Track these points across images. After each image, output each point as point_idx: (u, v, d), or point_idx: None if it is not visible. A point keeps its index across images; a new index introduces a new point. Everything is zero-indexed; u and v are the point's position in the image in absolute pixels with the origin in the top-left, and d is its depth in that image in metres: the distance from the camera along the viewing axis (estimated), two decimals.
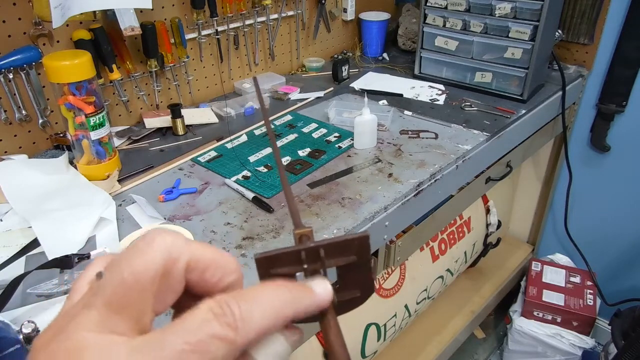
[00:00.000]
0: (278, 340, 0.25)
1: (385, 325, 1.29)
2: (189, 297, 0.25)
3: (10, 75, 0.95)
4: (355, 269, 0.28)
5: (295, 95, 1.34)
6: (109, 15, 1.05)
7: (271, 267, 0.26)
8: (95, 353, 0.20)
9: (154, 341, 0.21)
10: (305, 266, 0.27)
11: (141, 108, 1.21)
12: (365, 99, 1.08)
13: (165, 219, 0.85)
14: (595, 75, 1.50)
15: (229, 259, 0.25)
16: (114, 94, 1.13)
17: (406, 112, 1.24)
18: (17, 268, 0.74)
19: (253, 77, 1.18)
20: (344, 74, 1.44)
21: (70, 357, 0.20)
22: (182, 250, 0.23)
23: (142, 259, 0.22)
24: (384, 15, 1.62)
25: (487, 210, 1.61)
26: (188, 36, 1.21)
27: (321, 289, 0.25)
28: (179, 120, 1.13)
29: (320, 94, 1.35)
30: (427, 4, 1.35)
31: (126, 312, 0.21)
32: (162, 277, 0.22)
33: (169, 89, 1.24)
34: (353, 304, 0.30)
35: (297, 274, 0.27)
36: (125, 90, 1.14)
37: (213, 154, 1.06)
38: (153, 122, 1.16)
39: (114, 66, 1.07)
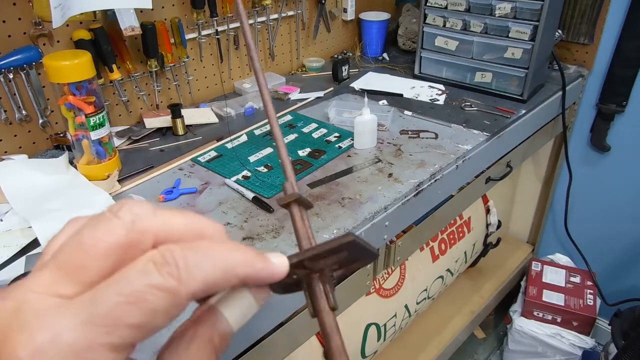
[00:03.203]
0: (245, 297, 0.24)
1: (385, 325, 1.29)
2: None
3: (10, 75, 0.95)
4: (348, 259, 0.27)
5: (295, 95, 1.34)
6: (109, 15, 1.05)
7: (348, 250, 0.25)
8: (29, 313, 0.19)
9: (88, 297, 0.20)
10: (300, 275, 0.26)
11: (141, 108, 1.21)
12: (365, 99, 1.08)
13: None
14: (595, 75, 1.50)
15: (205, 223, 0.24)
16: (114, 94, 1.13)
17: (406, 112, 1.24)
18: (17, 268, 0.74)
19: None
20: (344, 74, 1.44)
21: (4, 315, 0.19)
22: (149, 221, 0.22)
23: (104, 227, 0.21)
24: (384, 15, 1.62)
25: (487, 210, 1.61)
26: (188, 36, 1.21)
27: (277, 260, 0.24)
28: (179, 120, 1.13)
29: (320, 94, 1.35)
30: (427, 4, 1.35)
31: (76, 277, 0.20)
32: (125, 249, 0.21)
33: (169, 89, 1.24)
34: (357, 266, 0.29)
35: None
36: (125, 90, 1.14)
37: (213, 154, 1.06)
38: (153, 122, 1.16)
39: (114, 66, 1.07)
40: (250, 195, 0.90)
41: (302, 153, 1.06)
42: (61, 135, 1.05)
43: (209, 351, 0.23)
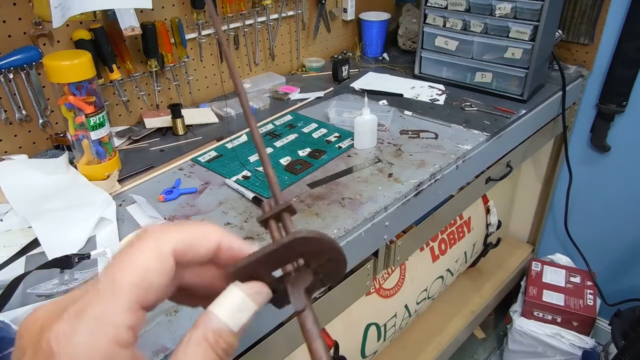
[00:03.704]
0: (235, 294, 0.25)
1: (385, 325, 1.29)
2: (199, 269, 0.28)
3: (11, 75, 0.95)
4: (331, 263, 0.28)
5: (295, 95, 1.34)
6: (109, 15, 1.05)
7: (305, 246, 0.26)
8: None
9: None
10: (285, 268, 0.27)
11: (141, 108, 1.21)
12: (365, 99, 1.08)
13: (165, 219, 0.85)
14: (595, 75, 1.50)
15: (205, 229, 0.27)
16: (114, 94, 1.13)
17: (406, 112, 1.24)
18: (17, 268, 0.74)
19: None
20: (344, 74, 1.44)
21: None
22: (167, 257, 0.25)
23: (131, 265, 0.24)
24: (384, 15, 1.62)
25: (487, 210, 1.61)
26: (188, 36, 1.21)
27: (252, 247, 0.27)
28: (179, 120, 1.13)
29: (320, 94, 1.35)
30: (427, 4, 1.35)
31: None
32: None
33: (169, 89, 1.24)
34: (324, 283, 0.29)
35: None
36: (125, 90, 1.14)
37: (213, 154, 1.06)
38: (153, 122, 1.16)
39: (114, 66, 1.07)
40: (250, 195, 0.90)
41: (302, 153, 1.06)
42: (61, 135, 1.05)
43: (205, 348, 0.24)
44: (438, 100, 1.31)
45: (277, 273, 0.28)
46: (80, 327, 0.21)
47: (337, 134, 1.13)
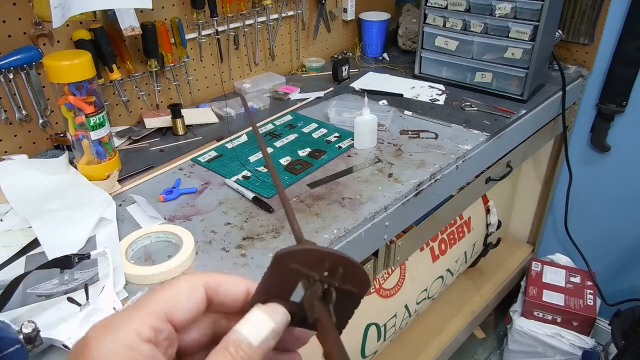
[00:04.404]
0: (255, 313, 0.27)
1: (385, 325, 1.29)
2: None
3: (11, 75, 0.95)
4: (349, 300, 0.29)
5: (295, 95, 1.34)
6: (109, 15, 1.05)
7: (291, 261, 0.27)
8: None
9: None
10: (321, 274, 0.28)
11: (141, 108, 1.21)
12: (365, 99, 1.08)
13: (165, 219, 0.85)
14: (595, 75, 1.50)
15: (235, 277, 0.29)
16: (114, 94, 1.13)
17: (406, 112, 1.24)
18: (17, 268, 0.74)
19: (241, 97, 1.19)
20: (344, 74, 1.44)
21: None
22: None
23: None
24: (384, 15, 1.62)
25: (487, 210, 1.61)
26: (188, 36, 1.21)
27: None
28: (179, 120, 1.13)
29: (320, 94, 1.35)
30: (427, 4, 1.35)
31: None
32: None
33: (169, 89, 1.24)
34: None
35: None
36: (125, 90, 1.14)
37: (213, 154, 1.06)
38: (153, 122, 1.16)
39: (114, 66, 1.07)
40: (250, 195, 0.90)
41: (302, 153, 1.06)
42: (61, 135, 1.05)
43: (225, 356, 0.26)
44: (438, 100, 1.31)
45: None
46: (109, 322, 0.25)
47: (337, 134, 1.13)
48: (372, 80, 1.45)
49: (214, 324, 0.30)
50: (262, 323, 0.27)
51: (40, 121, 1.02)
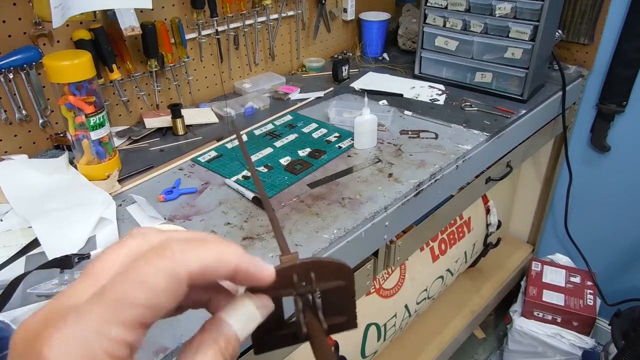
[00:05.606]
0: (246, 305, 0.27)
1: (385, 325, 1.29)
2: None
3: (11, 75, 0.95)
4: (341, 294, 0.29)
5: (295, 95, 1.34)
6: (109, 15, 1.05)
7: (265, 289, 0.27)
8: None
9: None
10: (296, 288, 0.28)
11: (141, 108, 1.21)
12: (365, 99, 1.08)
13: (165, 219, 0.85)
14: (595, 75, 1.50)
15: (224, 251, 0.26)
16: (114, 94, 1.13)
17: (406, 112, 1.24)
18: (17, 268, 0.74)
19: (232, 122, 1.20)
20: (344, 74, 1.44)
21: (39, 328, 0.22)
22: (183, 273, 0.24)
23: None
24: (384, 15, 1.62)
25: (487, 210, 1.61)
26: (188, 36, 1.21)
27: (268, 267, 0.27)
28: (179, 120, 1.13)
29: (320, 94, 1.35)
30: (427, 4, 1.35)
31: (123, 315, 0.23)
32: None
33: (169, 89, 1.24)
34: (339, 328, 0.31)
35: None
36: (125, 90, 1.14)
37: (213, 154, 1.06)
38: (153, 122, 1.16)
39: (114, 66, 1.07)
40: (250, 195, 0.90)
41: (302, 153, 1.06)
42: (61, 135, 1.05)
43: (215, 352, 0.25)
44: (438, 100, 1.31)
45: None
46: (76, 335, 0.21)
47: (337, 134, 1.13)
48: (372, 80, 1.45)
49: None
50: (252, 320, 0.27)
51: (40, 121, 1.02)
